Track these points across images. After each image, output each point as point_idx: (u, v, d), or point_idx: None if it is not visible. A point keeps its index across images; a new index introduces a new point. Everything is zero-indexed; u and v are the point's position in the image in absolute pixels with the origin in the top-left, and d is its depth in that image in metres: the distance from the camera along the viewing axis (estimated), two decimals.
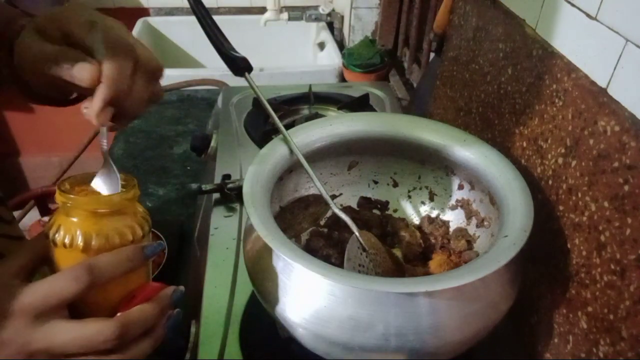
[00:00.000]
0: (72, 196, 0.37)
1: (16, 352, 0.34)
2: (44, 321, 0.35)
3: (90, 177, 0.41)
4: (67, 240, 0.37)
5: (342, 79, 1.41)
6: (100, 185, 0.41)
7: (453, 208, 0.63)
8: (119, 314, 0.38)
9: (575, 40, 0.49)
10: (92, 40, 0.40)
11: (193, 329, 0.57)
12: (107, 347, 0.36)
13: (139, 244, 0.39)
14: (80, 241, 0.37)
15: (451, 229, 0.62)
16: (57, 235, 0.37)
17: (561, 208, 0.51)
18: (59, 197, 0.37)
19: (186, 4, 0.53)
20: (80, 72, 0.38)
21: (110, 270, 0.36)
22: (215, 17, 0.56)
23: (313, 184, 0.55)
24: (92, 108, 0.39)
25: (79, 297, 0.35)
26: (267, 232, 0.45)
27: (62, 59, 0.38)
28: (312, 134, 0.58)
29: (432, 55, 1.05)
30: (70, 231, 0.37)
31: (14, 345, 0.34)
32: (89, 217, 0.37)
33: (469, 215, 0.61)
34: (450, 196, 0.63)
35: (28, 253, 0.38)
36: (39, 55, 0.39)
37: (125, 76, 0.40)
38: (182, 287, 0.42)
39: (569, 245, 0.50)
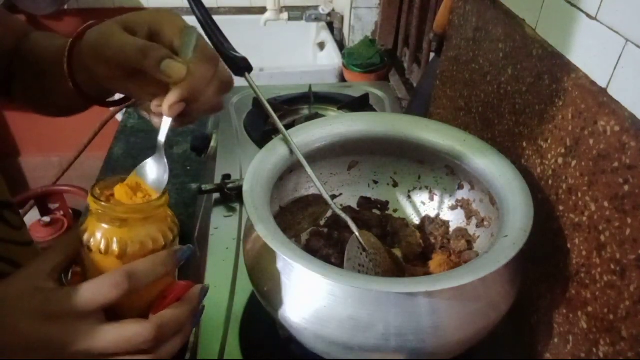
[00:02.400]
0: (105, 204, 0.38)
1: (58, 353, 0.36)
2: (85, 323, 0.36)
3: (120, 180, 0.42)
4: (102, 247, 0.38)
5: (342, 79, 1.41)
6: (146, 173, 0.43)
7: (453, 208, 0.63)
8: (153, 315, 0.39)
9: (575, 40, 0.49)
10: (184, 43, 0.42)
11: (193, 329, 0.57)
12: (144, 347, 0.37)
13: (170, 247, 0.41)
14: (116, 248, 0.38)
15: (451, 229, 0.62)
16: (92, 241, 0.38)
17: (561, 208, 0.51)
18: (92, 204, 0.38)
19: (186, 4, 0.53)
20: (170, 68, 0.40)
21: (146, 276, 0.38)
22: (215, 17, 0.56)
23: (313, 184, 0.55)
24: (167, 99, 0.41)
25: (117, 302, 0.37)
26: (267, 232, 0.45)
27: (152, 53, 0.40)
28: (312, 134, 0.58)
29: (432, 55, 1.05)
30: (106, 238, 0.38)
31: (56, 346, 0.36)
32: (123, 224, 0.38)
33: (469, 215, 0.61)
34: (450, 196, 0.63)
35: (60, 254, 0.39)
36: (125, 46, 0.41)
37: (205, 80, 0.43)
38: (207, 284, 0.43)
39: (569, 245, 0.50)
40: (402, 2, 1.34)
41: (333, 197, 0.65)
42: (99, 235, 0.38)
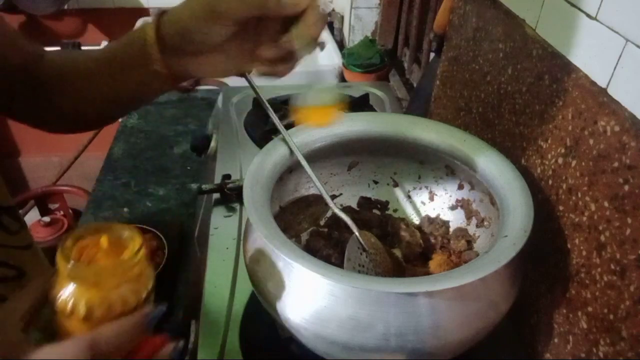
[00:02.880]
0: (73, 264, 0.36)
1: None
2: None
3: (96, 229, 0.39)
4: (68, 307, 0.36)
5: (342, 79, 1.41)
6: (314, 98, 0.43)
7: (453, 208, 0.63)
8: None
9: (575, 40, 0.49)
10: None
11: (193, 329, 0.57)
12: None
13: (142, 307, 0.38)
14: (82, 310, 0.36)
15: (451, 229, 0.62)
16: (58, 299, 0.36)
17: (561, 208, 0.51)
18: (60, 262, 0.36)
19: None
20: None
21: (112, 344, 0.35)
22: None
23: (313, 184, 0.55)
24: (305, 22, 0.44)
25: None
26: (267, 232, 0.45)
27: None
28: (312, 134, 0.58)
29: (432, 55, 1.05)
30: (73, 298, 0.36)
31: None
32: (93, 285, 0.36)
33: (469, 215, 0.61)
34: (450, 196, 0.63)
35: (30, 299, 0.38)
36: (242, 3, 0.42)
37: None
38: (182, 342, 0.40)
39: (569, 245, 0.50)
40: (402, 2, 1.34)
41: (333, 197, 0.65)
42: (66, 294, 0.36)
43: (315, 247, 0.58)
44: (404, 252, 0.59)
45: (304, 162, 0.54)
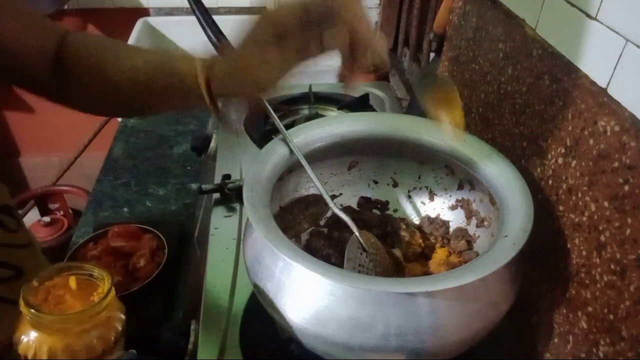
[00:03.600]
0: (35, 313, 0.35)
1: None
2: None
3: (68, 268, 0.38)
4: (30, 354, 0.35)
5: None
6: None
7: (453, 208, 0.63)
8: None
9: (575, 40, 0.49)
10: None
11: (193, 329, 0.57)
12: None
13: (110, 353, 0.37)
14: (44, 357, 0.35)
15: (451, 229, 0.62)
16: (21, 343, 0.35)
17: (561, 208, 0.51)
18: (23, 307, 0.35)
19: (186, 4, 0.53)
20: (333, 38, 0.41)
21: None
22: (215, 17, 0.56)
23: (313, 184, 0.55)
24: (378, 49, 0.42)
25: None
26: (267, 232, 0.45)
27: (307, 41, 0.41)
28: (312, 134, 0.58)
29: (432, 55, 1.05)
30: (35, 345, 0.35)
31: None
32: (56, 332, 0.35)
33: (469, 215, 0.61)
34: (450, 196, 0.63)
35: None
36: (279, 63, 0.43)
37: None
38: None
39: (569, 245, 0.50)
40: (402, 2, 1.34)
41: (333, 197, 0.65)
42: (28, 340, 0.35)
43: (315, 247, 0.58)
44: (404, 252, 0.59)
45: (304, 162, 0.54)
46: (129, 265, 0.76)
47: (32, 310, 0.35)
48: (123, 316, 0.39)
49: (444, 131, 0.52)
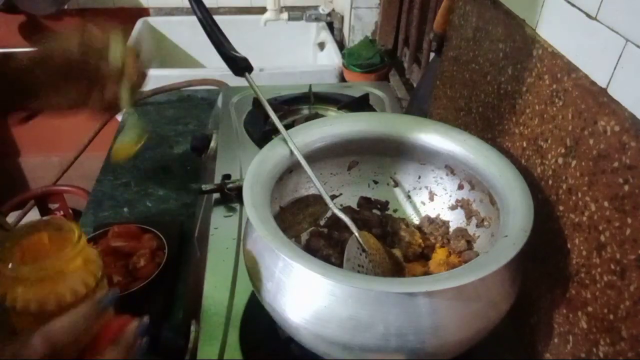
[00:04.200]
0: (14, 266, 0.37)
1: None
2: None
3: (37, 226, 0.40)
4: (19, 305, 0.37)
5: (342, 79, 1.41)
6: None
7: (453, 208, 0.63)
8: None
9: (575, 40, 0.49)
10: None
11: (193, 329, 0.57)
12: None
13: (93, 294, 0.39)
14: (33, 307, 0.37)
15: (451, 229, 0.62)
16: (7, 300, 0.37)
17: (561, 208, 0.51)
18: (1, 267, 0.37)
19: (186, 4, 0.54)
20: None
21: (67, 335, 0.36)
22: (215, 17, 0.56)
23: (313, 184, 0.55)
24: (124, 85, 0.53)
25: None
26: (267, 232, 0.45)
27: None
28: (312, 134, 0.58)
29: (432, 55, 1.05)
30: (21, 298, 0.37)
31: None
32: (36, 283, 0.37)
33: (469, 215, 0.61)
34: (450, 196, 0.63)
35: None
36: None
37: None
38: (146, 319, 0.41)
39: (569, 245, 0.50)
40: (402, 2, 1.35)
41: (333, 197, 0.65)
42: (14, 295, 0.37)
43: (315, 247, 0.58)
44: (404, 252, 0.59)
45: (303, 162, 0.54)
46: (129, 265, 0.76)
47: (10, 265, 0.37)
48: (100, 261, 0.42)
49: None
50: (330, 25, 1.66)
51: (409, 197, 0.66)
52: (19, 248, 0.39)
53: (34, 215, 1.78)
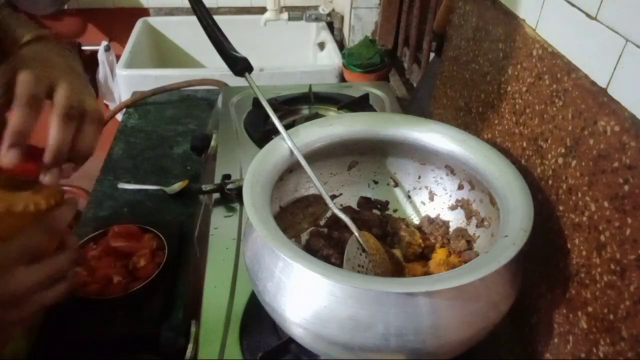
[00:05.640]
0: None
1: None
2: None
3: None
4: None
5: (342, 79, 1.41)
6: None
7: (453, 208, 0.63)
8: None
9: (575, 40, 0.49)
10: None
11: (193, 329, 0.57)
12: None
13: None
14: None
15: (451, 229, 0.62)
16: None
17: (561, 208, 0.51)
18: None
19: (186, 4, 0.53)
20: None
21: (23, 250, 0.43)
22: (215, 17, 0.56)
23: (313, 184, 0.55)
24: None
25: None
26: (267, 232, 0.45)
27: None
28: (312, 134, 0.58)
29: (432, 55, 1.05)
30: None
31: None
32: None
33: (469, 215, 0.61)
34: (450, 196, 0.63)
35: None
36: None
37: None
38: (75, 198, 0.46)
39: (569, 245, 0.50)
40: (402, 2, 1.35)
41: (333, 197, 0.65)
42: None
43: (315, 247, 0.58)
44: (404, 252, 0.59)
45: (303, 162, 0.54)
46: (129, 265, 0.76)
47: None
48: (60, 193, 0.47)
49: None
50: (330, 25, 1.66)
51: (409, 197, 0.66)
52: None
53: None
